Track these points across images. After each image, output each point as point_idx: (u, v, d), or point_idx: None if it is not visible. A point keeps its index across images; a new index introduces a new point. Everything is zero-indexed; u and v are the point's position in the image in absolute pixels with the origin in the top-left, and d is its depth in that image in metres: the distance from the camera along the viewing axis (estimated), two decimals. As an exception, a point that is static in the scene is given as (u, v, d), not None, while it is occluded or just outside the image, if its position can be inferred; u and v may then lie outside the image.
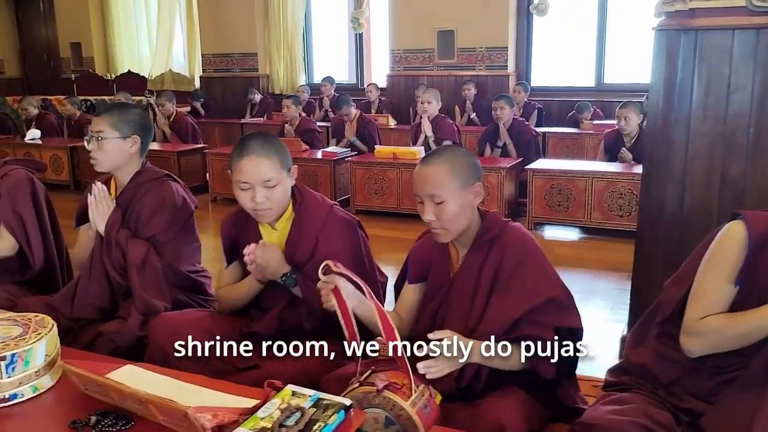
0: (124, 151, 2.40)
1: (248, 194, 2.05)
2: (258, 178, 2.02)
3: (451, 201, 1.80)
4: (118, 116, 2.39)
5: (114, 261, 2.37)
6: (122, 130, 2.38)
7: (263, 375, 1.98)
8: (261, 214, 2.09)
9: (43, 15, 12.22)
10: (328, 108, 9.17)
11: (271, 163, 2.04)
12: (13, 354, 1.60)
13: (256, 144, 2.05)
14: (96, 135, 2.36)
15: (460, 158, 1.86)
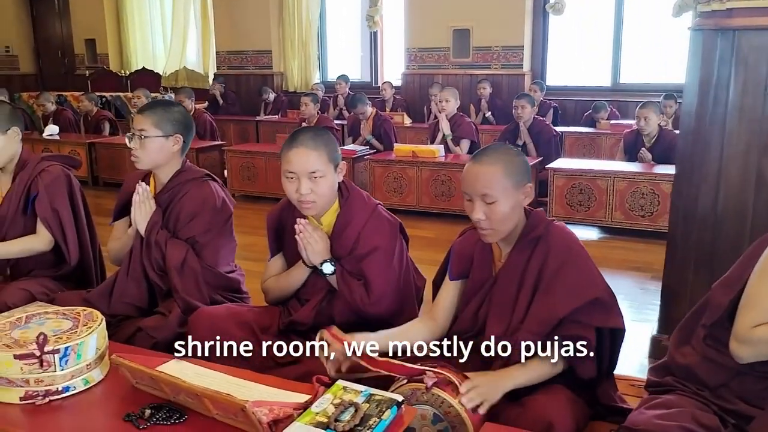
0: (166, 150, 2.41)
1: (294, 185, 2.08)
2: (304, 169, 2.05)
3: (503, 201, 1.80)
4: (161, 115, 2.39)
5: (153, 262, 2.38)
6: (165, 129, 2.39)
7: (304, 370, 2.01)
8: (305, 206, 2.10)
9: (57, 11, 12.26)
10: (343, 106, 9.18)
11: (319, 155, 2.06)
12: (67, 347, 1.61)
13: (306, 136, 2.09)
14: (139, 133, 2.37)
15: (514, 158, 1.87)
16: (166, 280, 2.39)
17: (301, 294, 2.25)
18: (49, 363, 1.59)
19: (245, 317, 2.22)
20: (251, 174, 6.40)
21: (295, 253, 2.23)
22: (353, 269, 2.15)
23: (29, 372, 1.59)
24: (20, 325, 1.73)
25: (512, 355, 1.80)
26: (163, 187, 2.49)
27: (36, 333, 1.67)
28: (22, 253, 2.67)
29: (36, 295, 2.56)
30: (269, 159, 6.37)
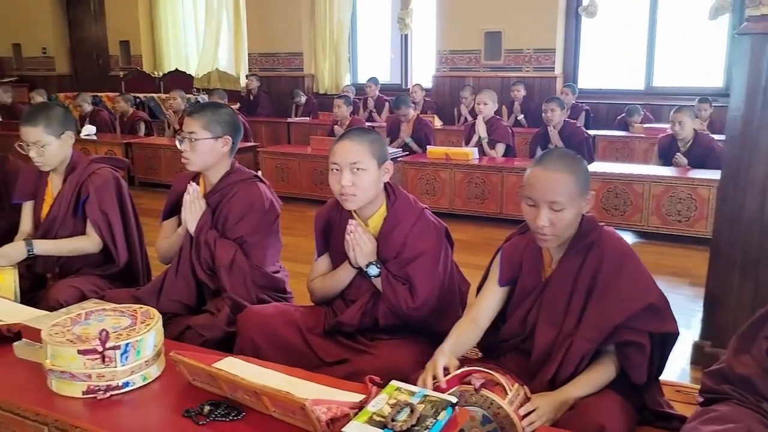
0: (216, 151, 2.45)
1: (337, 177, 2.12)
2: (346, 161, 2.09)
3: (570, 209, 1.80)
4: (210, 117, 2.43)
5: (202, 261, 2.42)
6: (214, 131, 2.43)
7: (352, 370, 2.03)
8: (345, 198, 2.13)
9: (93, 14, 12.48)
10: (372, 108, 9.22)
11: (362, 148, 2.10)
12: (127, 343, 1.65)
13: (354, 132, 2.17)
14: (189, 136, 2.41)
15: (582, 166, 1.86)
16: (215, 279, 2.43)
17: (347, 295, 2.27)
18: (111, 359, 1.63)
19: (292, 317, 2.24)
20: (285, 175, 6.46)
21: (341, 253, 2.25)
22: (398, 272, 2.17)
23: (92, 367, 1.63)
24: (80, 321, 1.78)
25: (565, 363, 1.80)
26: (212, 188, 2.53)
27: (96, 329, 1.71)
28: (72, 253, 2.74)
29: (86, 293, 2.62)
30: (302, 160, 6.42)
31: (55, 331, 1.71)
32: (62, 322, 1.77)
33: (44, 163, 2.72)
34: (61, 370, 1.64)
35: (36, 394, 1.68)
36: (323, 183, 6.28)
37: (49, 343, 1.65)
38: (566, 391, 1.78)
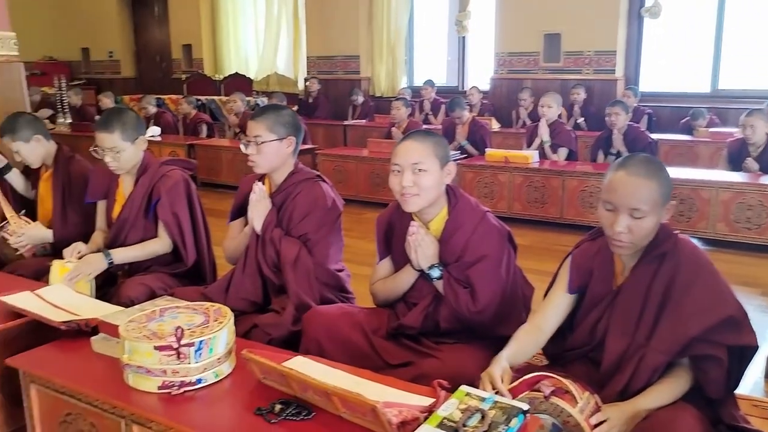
0: (282, 152, 2.49)
1: (398, 177, 2.12)
2: (408, 161, 2.09)
3: (651, 217, 1.75)
4: (273, 119, 2.48)
5: (268, 258, 2.47)
6: (278, 132, 2.47)
7: (417, 373, 2.03)
8: (406, 199, 2.12)
9: (157, 18, 12.84)
10: (429, 111, 9.21)
11: (424, 148, 2.10)
12: (201, 341, 1.69)
13: (416, 133, 2.18)
14: (254, 139, 2.46)
15: (665, 173, 1.80)
16: (280, 276, 2.47)
17: (409, 297, 2.27)
18: (185, 355, 1.67)
19: (356, 318, 2.26)
20: (342, 177, 6.51)
21: (403, 256, 2.25)
22: (460, 276, 2.16)
23: (167, 363, 1.67)
24: (155, 318, 1.83)
25: (637, 374, 1.76)
26: (277, 188, 2.58)
27: (171, 326, 1.76)
28: (146, 257, 2.84)
29: (155, 290, 2.70)
30: (360, 163, 6.46)
31: (132, 327, 1.76)
32: (138, 319, 1.82)
33: (118, 168, 2.82)
34: (138, 365, 1.68)
35: (113, 387, 1.74)
36: (380, 185, 6.31)
37: (126, 339, 1.70)
38: (638, 403, 1.73)
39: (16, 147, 3.20)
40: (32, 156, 3.25)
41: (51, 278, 2.67)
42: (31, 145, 3.22)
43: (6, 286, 2.53)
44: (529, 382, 1.72)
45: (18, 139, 3.19)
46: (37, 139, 3.24)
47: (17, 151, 3.21)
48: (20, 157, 3.24)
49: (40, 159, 3.28)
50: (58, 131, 8.90)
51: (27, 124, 3.22)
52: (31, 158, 3.25)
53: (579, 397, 1.68)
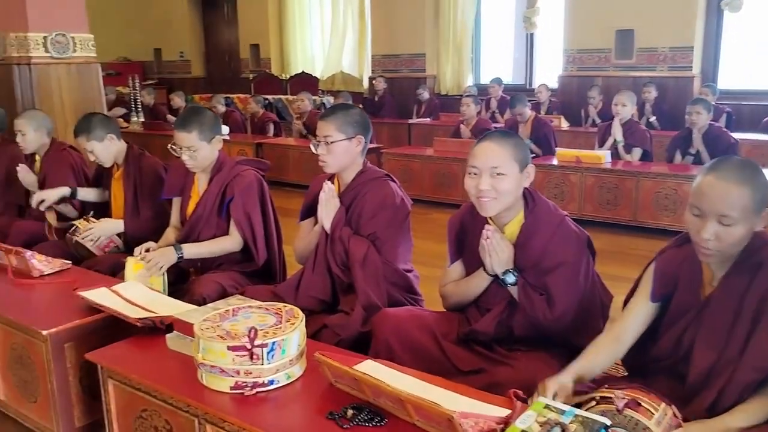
0: (351, 152, 2.48)
1: (475, 180, 2.05)
2: (486, 164, 2.02)
3: (741, 225, 1.63)
4: (342, 119, 2.47)
5: (337, 257, 2.46)
6: (347, 132, 2.46)
7: (489, 381, 1.97)
8: (483, 202, 2.05)
9: (226, 19, 13.11)
10: (495, 109, 9.07)
11: (503, 151, 2.02)
12: (274, 342, 1.69)
13: (495, 134, 2.10)
14: (324, 139, 2.45)
15: (762, 178, 1.67)
16: (349, 274, 2.46)
17: (481, 302, 2.21)
18: (258, 356, 1.67)
19: (427, 321, 2.22)
20: (408, 177, 6.47)
21: (475, 259, 2.20)
22: (536, 282, 2.08)
23: (240, 363, 1.68)
24: (229, 318, 1.83)
25: (727, 391, 1.65)
26: (346, 187, 2.57)
27: (244, 326, 1.76)
28: (216, 253, 2.87)
29: (227, 288, 2.73)
30: (425, 162, 6.41)
31: (206, 326, 1.77)
32: (212, 318, 1.83)
33: (194, 166, 2.87)
34: (212, 365, 1.69)
35: (187, 386, 1.76)
36: (446, 185, 6.25)
37: (201, 338, 1.71)
38: (726, 421, 1.63)
39: (90, 146, 3.31)
40: (105, 155, 3.35)
41: (126, 274, 2.73)
42: (105, 144, 3.32)
43: (84, 281, 2.61)
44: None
45: (92, 138, 3.30)
46: (110, 138, 3.34)
47: (91, 150, 3.32)
48: (94, 156, 3.35)
49: (112, 158, 3.39)
50: (132, 130, 9.19)
51: (100, 123, 3.33)
52: (104, 157, 3.36)
53: (655, 409, 1.59)
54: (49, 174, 3.80)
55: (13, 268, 2.74)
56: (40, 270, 2.70)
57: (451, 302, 2.30)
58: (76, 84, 6.14)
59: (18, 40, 5.77)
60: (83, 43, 6.17)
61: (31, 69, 5.76)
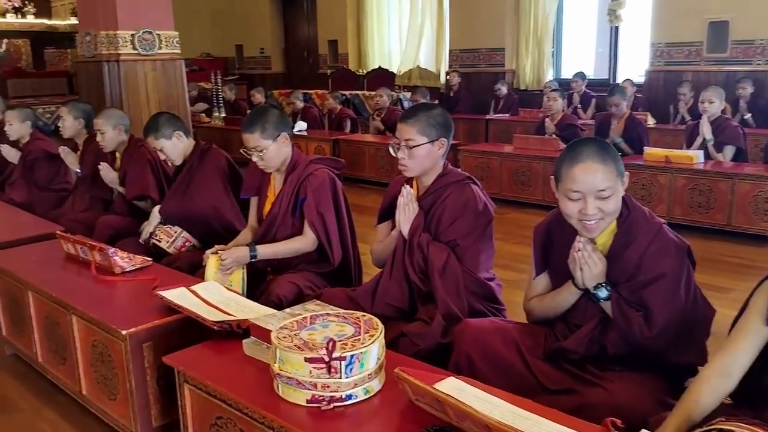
0: (433, 155, 2.39)
1: (577, 205, 1.89)
2: (592, 188, 1.86)
3: None
4: (425, 121, 2.36)
5: (415, 265, 2.37)
6: (430, 135, 2.36)
7: (580, 402, 1.84)
8: (588, 227, 1.91)
9: (306, 15, 13.23)
10: (578, 104, 8.77)
11: (608, 170, 1.86)
12: (352, 355, 1.61)
13: (592, 149, 1.88)
14: (405, 143, 2.36)
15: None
16: (427, 283, 2.37)
17: (571, 318, 2.07)
18: (336, 369, 1.60)
19: (511, 334, 2.10)
20: (485, 174, 6.31)
21: (562, 271, 2.05)
22: (632, 297, 1.93)
23: (317, 376, 1.61)
24: (306, 326, 1.78)
25: None
26: (425, 190, 2.47)
27: (322, 335, 1.70)
28: (290, 254, 2.84)
29: (303, 289, 2.69)
30: (504, 159, 6.23)
31: (283, 334, 1.72)
32: (289, 326, 1.78)
33: (266, 166, 2.85)
34: (288, 376, 1.64)
35: (263, 396, 1.71)
36: (525, 183, 6.06)
37: (278, 347, 1.66)
38: None
39: (159, 145, 3.38)
40: (175, 152, 3.41)
41: (207, 271, 2.74)
42: (173, 141, 3.38)
43: (164, 279, 2.62)
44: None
45: (161, 137, 3.36)
46: (178, 136, 3.38)
47: (161, 149, 3.39)
48: (164, 154, 3.41)
49: (181, 155, 3.44)
50: (213, 125, 9.39)
51: (167, 122, 3.39)
52: (173, 155, 3.42)
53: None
54: (128, 171, 3.89)
55: (96, 264, 2.79)
56: (122, 267, 2.73)
57: (536, 316, 2.17)
58: (161, 80, 6.30)
59: (108, 38, 5.96)
60: (168, 41, 6.32)
61: (120, 66, 5.95)
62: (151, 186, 3.84)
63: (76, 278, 2.77)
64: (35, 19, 13.47)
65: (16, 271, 2.86)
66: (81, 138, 4.38)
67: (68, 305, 2.47)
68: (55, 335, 2.64)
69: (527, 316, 2.22)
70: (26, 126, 4.82)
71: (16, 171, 4.82)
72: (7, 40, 13.16)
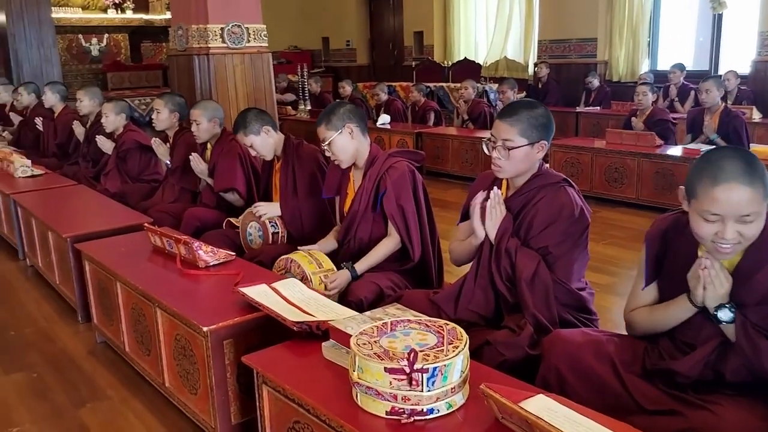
0: (531, 157, 2.25)
1: (713, 227, 1.68)
2: (735, 212, 1.65)
3: None
4: (527, 122, 2.21)
5: (503, 272, 2.25)
6: (531, 136, 2.21)
7: (684, 426, 1.69)
8: (722, 250, 1.70)
9: (391, 7, 13.16)
10: (675, 97, 8.30)
11: (755, 193, 1.63)
12: (435, 367, 1.52)
13: (738, 167, 1.64)
14: (503, 143, 2.22)
15: None
16: (514, 292, 2.24)
17: (680, 335, 1.88)
18: (417, 382, 1.52)
19: (605, 348, 1.95)
20: (575, 170, 6.05)
21: (674, 284, 1.86)
22: (762, 323, 1.72)
23: (397, 387, 1.53)
24: (387, 333, 1.70)
25: None
26: (516, 191, 2.34)
27: (402, 344, 1.62)
28: (383, 258, 2.79)
29: (384, 289, 2.63)
30: (596, 155, 5.94)
31: (363, 341, 1.65)
32: (369, 331, 1.71)
33: (340, 160, 2.83)
34: (368, 385, 1.56)
35: (341, 404, 1.64)
36: (618, 180, 5.77)
37: (357, 355, 1.59)
38: None
39: (249, 141, 3.37)
40: (264, 148, 3.40)
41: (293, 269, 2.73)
42: (262, 137, 3.37)
43: (247, 275, 2.61)
44: None
45: (249, 133, 3.35)
46: (267, 131, 3.37)
47: (250, 144, 3.38)
48: (254, 150, 3.40)
49: (271, 150, 3.43)
50: (299, 117, 9.48)
51: (255, 117, 3.38)
52: (263, 150, 3.41)
53: None
54: (218, 163, 3.94)
55: (181, 257, 2.82)
56: (206, 261, 2.74)
57: (640, 330, 1.99)
58: (249, 73, 6.39)
59: (199, 31, 6.09)
60: (256, 34, 6.39)
61: (209, 59, 6.06)
62: (238, 179, 3.88)
63: (161, 271, 2.80)
64: (134, 15, 14.03)
65: (106, 261, 2.93)
66: (173, 130, 4.48)
67: (153, 298, 2.50)
68: (140, 326, 2.69)
69: (628, 328, 2.06)
70: (121, 118, 4.98)
71: (110, 162, 4.99)
72: (108, 35, 13.78)
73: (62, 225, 3.56)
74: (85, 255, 3.14)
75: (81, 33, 13.41)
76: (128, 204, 4.29)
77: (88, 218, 3.89)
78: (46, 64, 10.23)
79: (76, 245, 3.21)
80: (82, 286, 3.33)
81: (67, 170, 5.49)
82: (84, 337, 3.31)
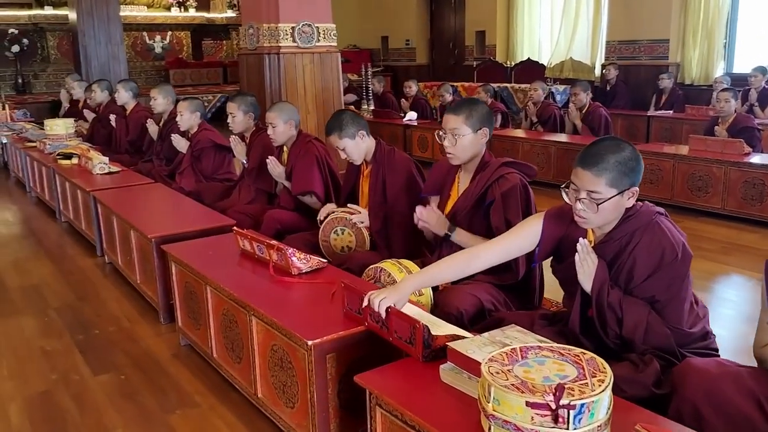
0: (621, 206, 2.03)
1: None
2: None
3: None
4: (616, 169, 1.97)
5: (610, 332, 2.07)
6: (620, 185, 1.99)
7: None
8: None
9: (453, 6, 12.98)
10: (755, 102, 7.93)
11: None
12: (583, 404, 1.40)
13: None
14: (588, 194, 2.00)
15: None
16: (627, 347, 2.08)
17: None
18: (564, 419, 1.40)
19: (743, 380, 1.79)
20: (654, 177, 5.82)
21: None
22: None
23: (540, 424, 1.41)
24: (518, 360, 1.58)
25: None
26: (605, 236, 2.12)
27: (540, 375, 1.51)
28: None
29: (484, 303, 2.52)
30: (678, 162, 5.69)
31: (495, 369, 1.54)
32: (499, 358, 1.59)
33: (455, 156, 2.73)
34: (504, 419, 1.45)
35: (471, 436, 1.54)
36: (701, 189, 5.51)
37: (492, 385, 1.47)
38: None
39: (342, 144, 3.27)
40: (357, 152, 3.31)
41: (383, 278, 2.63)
42: (356, 141, 3.27)
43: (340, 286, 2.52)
44: None
45: (344, 136, 3.25)
46: (361, 135, 3.28)
47: (343, 148, 3.28)
48: (345, 154, 3.30)
49: (362, 155, 3.34)
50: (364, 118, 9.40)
51: (351, 121, 3.29)
52: (355, 154, 3.31)
53: None
54: (295, 166, 3.88)
55: (273, 263, 2.75)
56: (299, 268, 2.67)
57: None
58: (318, 72, 6.34)
59: (270, 30, 6.06)
60: (326, 33, 6.34)
61: (280, 58, 6.03)
62: (316, 182, 3.82)
63: (253, 277, 2.74)
64: (196, 13, 14.21)
65: (195, 264, 2.89)
66: (249, 131, 4.44)
67: (248, 306, 2.44)
68: (231, 333, 2.63)
69: (759, 363, 1.89)
70: (196, 117, 4.98)
71: (185, 160, 5.00)
72: (171, 33, 14.00)
73: (146, 225, 3.55)
74: (171, 257, 3.11)
75: (145, 30, 13.65)
76: (203, 202, 4.28)
77: (171, 218, 3.89)
78: (113, 60, 10.43)
79: (163, 246, 3.19)
80: (166, 288, 3.30)
81: (142, 167, 5.53)
82: (167, 338, 3.29)
